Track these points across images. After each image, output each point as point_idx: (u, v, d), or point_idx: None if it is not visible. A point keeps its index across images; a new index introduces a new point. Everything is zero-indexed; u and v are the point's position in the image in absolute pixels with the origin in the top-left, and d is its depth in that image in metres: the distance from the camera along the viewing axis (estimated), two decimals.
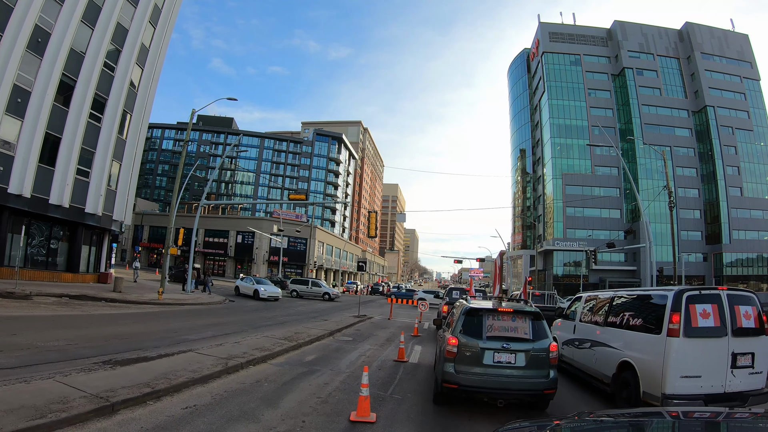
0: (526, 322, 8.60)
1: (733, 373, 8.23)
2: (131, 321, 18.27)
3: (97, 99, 31.64)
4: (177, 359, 10.78)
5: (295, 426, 7.15)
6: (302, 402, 8.55)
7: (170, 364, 10.12)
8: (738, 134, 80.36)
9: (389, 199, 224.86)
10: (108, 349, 11.53)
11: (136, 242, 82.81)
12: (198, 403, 7.99)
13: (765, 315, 8.70)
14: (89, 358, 10.19)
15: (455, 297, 27.58)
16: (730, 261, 76.76)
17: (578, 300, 13.35)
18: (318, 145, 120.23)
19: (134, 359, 10.44)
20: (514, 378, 8.18)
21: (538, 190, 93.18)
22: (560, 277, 79.24)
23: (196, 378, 9.24)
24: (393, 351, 15.32)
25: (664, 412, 3.84)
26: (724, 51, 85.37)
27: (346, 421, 7.57)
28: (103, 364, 9.67)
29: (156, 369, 9.57)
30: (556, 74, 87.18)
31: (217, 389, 8.97)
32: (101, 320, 17.67)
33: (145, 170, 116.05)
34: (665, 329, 8.39)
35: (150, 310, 23.11)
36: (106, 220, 34.23)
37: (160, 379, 8.77)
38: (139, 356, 10.86)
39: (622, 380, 9.41)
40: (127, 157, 35.67)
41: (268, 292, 37.35)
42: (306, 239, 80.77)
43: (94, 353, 10.89)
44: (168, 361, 10.45)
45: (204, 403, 8.02)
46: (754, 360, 8.42)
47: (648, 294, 9.77)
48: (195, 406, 7.81)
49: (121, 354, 11.00)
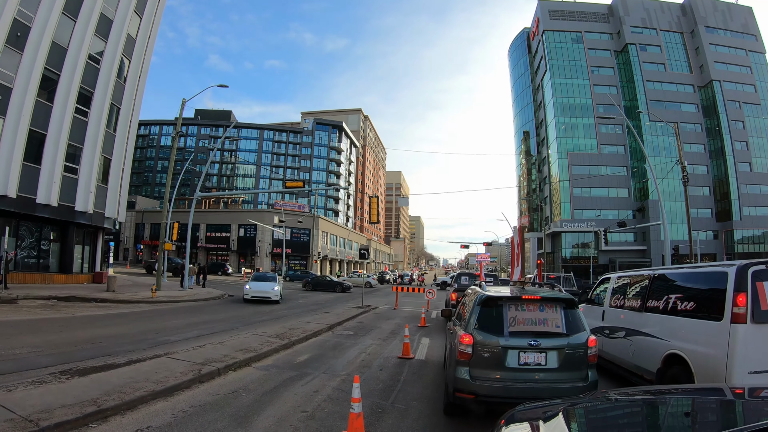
0: (557, 311, 6.96)
1: None
2: (114, 322, 16.89)
3: (82, 93, 30.27)
4: (143, 366, 9.31)
5: None
6: (282, 419, 7.01)
7: (133, 373, 8.65)
8: (745, 108, 78.76)
9: (393, 187, 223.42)
10: (74, 356, 10.20)
11: (138, 240, 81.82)
12: (153, 423, 6.50)
13: None
14: (46, 368, 8.85)
15: (465, 283, 25.96)
16: (741, 238, 75.46)
17: (606, 281, 11.80)
18: (318, 135, 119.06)
19: (97, 368, 9.01)
20: (546, 383, 6.56)
21: (543, 171, 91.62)
22: (569, 259, 77.66)
23: (158, 390, 7.75)
24: (397, 346, 13.84)
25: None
26: (728, 24, 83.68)
27: None
28: (59, 374, 8.29)
29: (113, 380, 8.11)
30: (558, 52, 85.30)
31: (181, 404, 7.48)
32: (82, 323, 16.28)
33: (145, 168, 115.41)
34: (728, 314, 6.76)
35: (140, 309, 21.75)
36: (98, 218, 32.88)
37: (113, 393, 7.31)
38: (104, 363, 9.45)
39: (670, 376, 7.83)
40: (118, 152, 34.24)
41: (254, 291, 27.92)
42: (309, 230, 79.40)
43: (55, 361, 9.55)
44: (131, 370, 8.99)
45: (160, 423, 6.53)
46: None
47: (701, 272, 8.17)
48: (148, 428, 6.32)
49: (86, 361, 9.62)
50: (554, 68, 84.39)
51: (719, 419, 2.90)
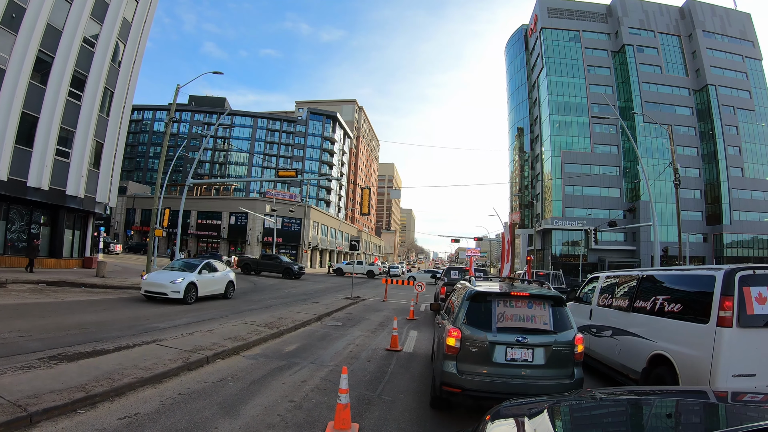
0: (545, 308, 7.02)
1: None
2: (103, 308, 16.72)
3: (76, 76, 29.92)
4: (132, 353, 9.29)
5: None
6: (270, 408, 7.02)
7: (122, 360, 8.64)
8: (739, 114, 79.44)
9: (385, 179, 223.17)
10: (62, 342, 10.14)
11: (129, 226, 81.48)
12: (141, 410, 6.50)
13: None
14: (35, 353, 8.81)
15: (454, 277, 25.98)
16: (730, 242, 76.24)
17: (594, 280, 11.87)
18: (312, 125, 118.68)
19: (86, 353, 8.99)
20: (532, 379, 6.62)
21: (536, 168, 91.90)
22: (558, 256, 78.12)
23: (147, 377, 7.75)
24: (386, 338, 13.90)
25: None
26: (726, 30, 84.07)
27: None
28: (47, 360, 8.27)
29: (102, 366, 8.10)
30: (555, 50, 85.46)
31: (169, 391, 7.47)
32: (70, 308, 16.13)
33: (137, 153, 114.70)
34: (714, 317, 6.83)
35: (129, 295, 21.53)
36: (89, 203, 32.64)
37: (101, 379, 7.30)
38: (93, 349, 9.42)
39: (655, 376, 7.90)
40: (110, 136, 33.99)
41: (147, 284, 19.54)
42: (300, 219, 79.10)
43: (44, 346, 9.51)
44: (120, 356, 8.97)
45: (148, 410, 6.53)
46: None
47: (689, 274, 8.23)
48: (136, 415, 6.32)
49: (75, 347, 9.59)
50: (551, 66, 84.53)
51: (702, 422, 2.93)
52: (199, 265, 20.94)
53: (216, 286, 21.78)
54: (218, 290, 21.91)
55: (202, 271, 20.64)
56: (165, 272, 20.59)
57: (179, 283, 19.09)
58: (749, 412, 2.95)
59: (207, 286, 20.89)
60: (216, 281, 21.81)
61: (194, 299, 19.67)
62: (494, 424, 2.88)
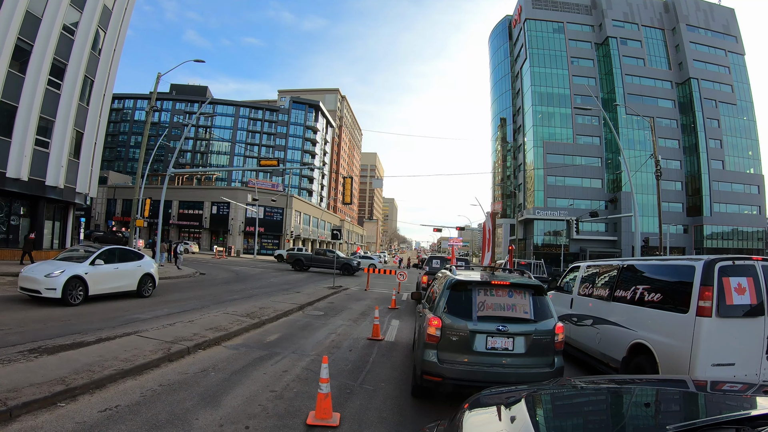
0: (525, 297, 7.02)
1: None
2: None
3: (56, 64, 29.28)
4: (112, 345, 9.15)
5: None
6: (251, 398, 6.98)
7: (102, 352, 8.51)
8: (721, 108, 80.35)
9: (368, 168, 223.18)
10: (42, 335, 9.98)
11: (110, 216, 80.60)
12: (122, 402, 6.42)
13: None
14: (14, 346, 8.66)
15: (436, 266, 26.01)
16: (710, 233, 77.35)
17: (575, 270, 11.92)
18: (294, 113, 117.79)
19: (66, 346, 8.84)
20: (512, 368, 6.63)
21: (518, 158, 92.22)
22: (540, 246, 78.68)
23: (127, 369, 7.65)
24: (367, 327, 13.88)
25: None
26: (710, 24, 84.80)
27: (302, 425, 6.03)
28: (27, 353, 8.14)
29: (82, 358, 7.96)
30: (539, 41, 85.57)
31: (150, 383, 7.39)
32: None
33: (118, 142, 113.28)
34: (694, 307, 6.90)
35: None
36: (69, 193, 32.04)
37: (81, 372, 7.18)
38: (73, 342, 9.26)
39: (635, 365, 7.98)
40: (90, 126, 33.35)
41: (23, 277, 15.10)
42: (282, 209, 78.81)
43: (24, 339, 9.35)
44: (101, 348, 8.83)
45: (129, 402, 6.45)
46: None
47: (669, 264, 8.28)
48: (117, 407, 6.24)
49: (54, 339, 9.44)
50: (534, 57, 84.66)
51: (682, 411, 2.94)
52: (94, 253, 16.12)
53: (121, 282, 16.91)
54: (125, 287, 17.10)
55: (96, 262, 15.75)
56: (46, 264, 15.89)
57: (56, 277, 14.36)
58: (728, 402, 2.96)
59: (104, 281, 16.12)
60: (120, 275, 16.86)
61: (80, 299, 14.89)
62: (472, 413, 2.86)
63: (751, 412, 2.58)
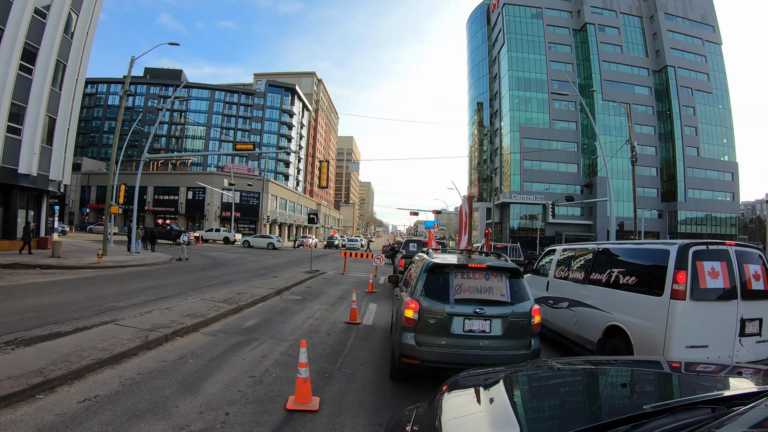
0: (502, 280, 7.08)
1: (741, 342, 7.01)
2: (59, 289, 16.15)
3: (27, 49, 28.51)
4: (90, 334, 9.02)
5: (216, 421, 5.56)
6: (230, 384, 6.94)
7: (79, 342, 8.38)
8: (697, 96, 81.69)
9: (344, 152, 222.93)
10: (18, 326, 9.76)
11: (84, 204, 79.60)
12: (101, 392, 6.34)
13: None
14: None
15: (413, 250, 26.08)
16: (684, 218, 78.78)
17: (551, 253, 12.02)
18: (270, 97, 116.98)
19: (43, 337, 8.67)
20: (490, 350, 6.69)
21: (495, 143, 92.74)
22: (516, 230, 79.15)
23: (105, 358, 7.55)
24: (345, 311, 13.89)
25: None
26: (688, 13, 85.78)
27: (281, 410, 6.01)
28: (3, 345, 7.96)
29: (60, 349, 7.84)
30: (517, 26, 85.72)
31: (129, 371, 7.31)
32: (26, 290, 15.52)
33: (91, 128, 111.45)
34: (668, 290, 7.01)
35: (86, 275, 20.88)
36: (43, 181, 31.39)
37: (59, 362, 7.07)
38: (50, 332, 9.08)
39: (610, 347, 8.09)
40: (63, 111, 32.65)
41: None
42: (259, 193, 78.51)
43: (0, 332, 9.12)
44: (78, 338, 8.69)
45: (108, 392, 6.37)
46: (762, 327, 7.21)
47: (644, 248, 8.38)
48: (96, 397, 6.16)
49: (31, 331, 9.25)
50: (512, 42, 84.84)
51: (656, 391, 2.98)
52: None
53: None
54: None
55: None
56: None
57: None
58: (702, 382, 3.01)
59: None
60: None
61: None
62: (451, 395, 2.88)
63: (725, 392, 2.64)
